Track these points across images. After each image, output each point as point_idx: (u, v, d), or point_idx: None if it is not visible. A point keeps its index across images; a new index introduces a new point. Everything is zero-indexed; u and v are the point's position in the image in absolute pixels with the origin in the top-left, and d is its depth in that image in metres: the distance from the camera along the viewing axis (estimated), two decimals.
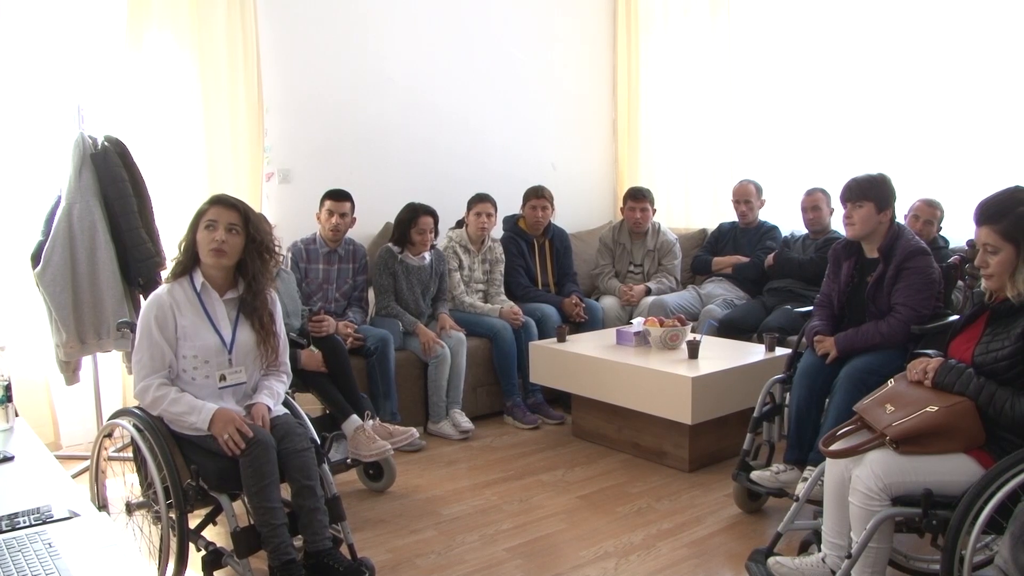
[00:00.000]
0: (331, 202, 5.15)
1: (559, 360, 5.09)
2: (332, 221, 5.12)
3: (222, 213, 3.17)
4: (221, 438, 3.00)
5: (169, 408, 3.07)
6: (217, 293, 3.21)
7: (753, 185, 6.12)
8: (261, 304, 3.27)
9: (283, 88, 5.70)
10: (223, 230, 3.15)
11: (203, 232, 3.16)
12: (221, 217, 3.16)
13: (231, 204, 3.22)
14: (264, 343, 3.27)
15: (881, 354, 3.71)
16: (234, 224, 3.17)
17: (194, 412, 3.05)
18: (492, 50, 6.72)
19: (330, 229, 5.13)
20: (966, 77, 5.43)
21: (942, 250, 4.91)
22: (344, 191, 5.18)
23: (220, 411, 3.05)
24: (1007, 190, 2.89)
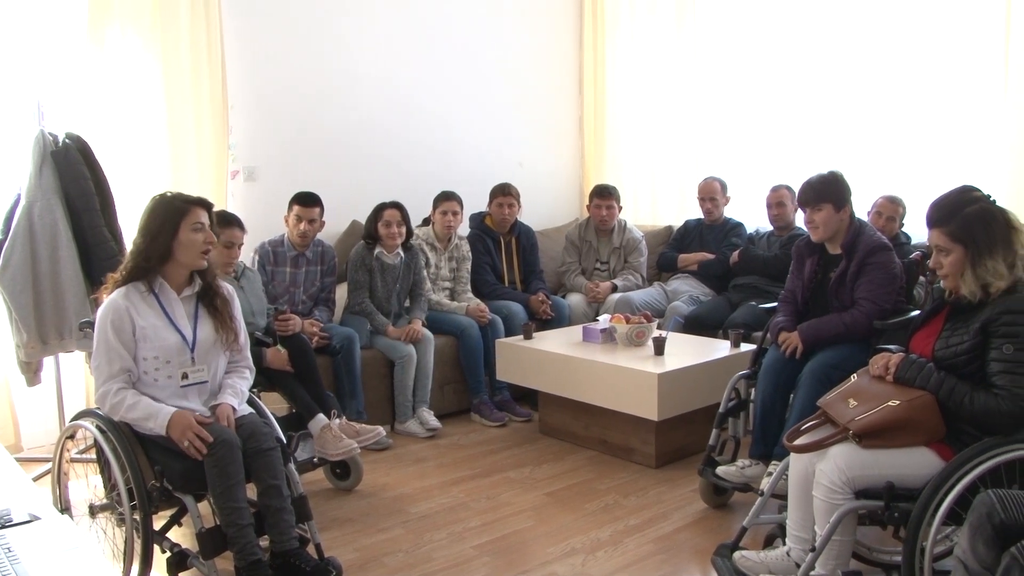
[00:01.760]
0: (300, 207, 5.10)
1: (526, 357, 5.10)
2: (301, 227, 5.08)
3: (204, 215, 3.16)
4: (181, 444, 2.98)
5: (127, 414, 3.04)
6: (175, 292, 3.18)
7: (718, 182, 6.16)
8: (220, 298, 3.27)
9: (248, 85, 5.66)
10: (209, 231, 3.15)
11: (190, 234, 3.12)
12: (205, 219, 3.16)
13: (209, 205, 3.21)
14: (223, 329, 3.25)
15: (844, 349, 3.76)
16: (210, 224, 3.18)
17: (151, 418, 3.02)
18: (459, 49, 6.71)
19: (298, 235, 5.09)
20: (926, 76, 5.52)
21: (904, 246, 4.97)
22: (313, 196, 5.14)
23: (176, 415, 3.02)
24: (955, 191, 2.94)
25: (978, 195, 2.91)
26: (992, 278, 2.76)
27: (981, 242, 2.77)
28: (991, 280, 2.76)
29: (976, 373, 2.79)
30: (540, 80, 7.30)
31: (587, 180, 7.47)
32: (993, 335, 2.73)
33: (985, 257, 2.76)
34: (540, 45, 7.28)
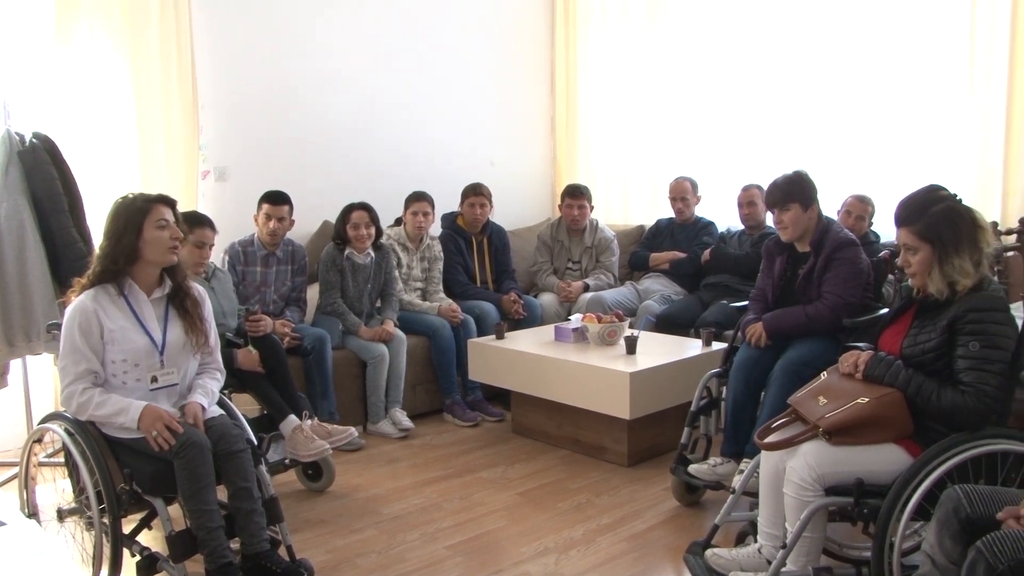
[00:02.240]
0: (269, 206, 5.10)
1: (498, 357, 5.10)
2: (270, 225, 5.07)
3: (168, 212, 3.14)
4: (149, 435, 2.96)
5: (96, 412, 3.01)
6: (144, 294, 3.16)
7: (689, 182, 6.19)
8: (191, 299, 3.24)
9: (219, 84, 5.62)
10: (175, 227, 3.13)
11: (155, 232, 3.09)
12: (169, 215, 3.14)
13: (172, 202, 3.19)
14: (193, 330, 3.23)
15: (814, 347, 3.79)
16: (175, 220, 3.16)
17: (122, 413, 3.00)
18: (430, 48, 6.69)
19: (268, 233, 5.08)
20: (894, 77, 5.60)
21: (873, 245, 5.02)
22: (282, 194, 5.13)
23: (148, 408, 3.00)
24: (923, 190, 2.98)
25: (945, 194, 2.94)
26: (959, 276, 2.79)
27: (948, 241, 2.80)
28: (958, 278, 2.80)
29: (943, 370, 2.82)
30: (512, 80, 7.30)
31: (559, 180, 7.48)
32: (959, 332, 2.77)
33: (952, 255, 2.79)
34: (512, 45, 7.28)
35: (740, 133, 6.43)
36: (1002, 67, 5.09)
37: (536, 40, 7.44)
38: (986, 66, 5.15)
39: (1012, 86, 5.09)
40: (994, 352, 2.74)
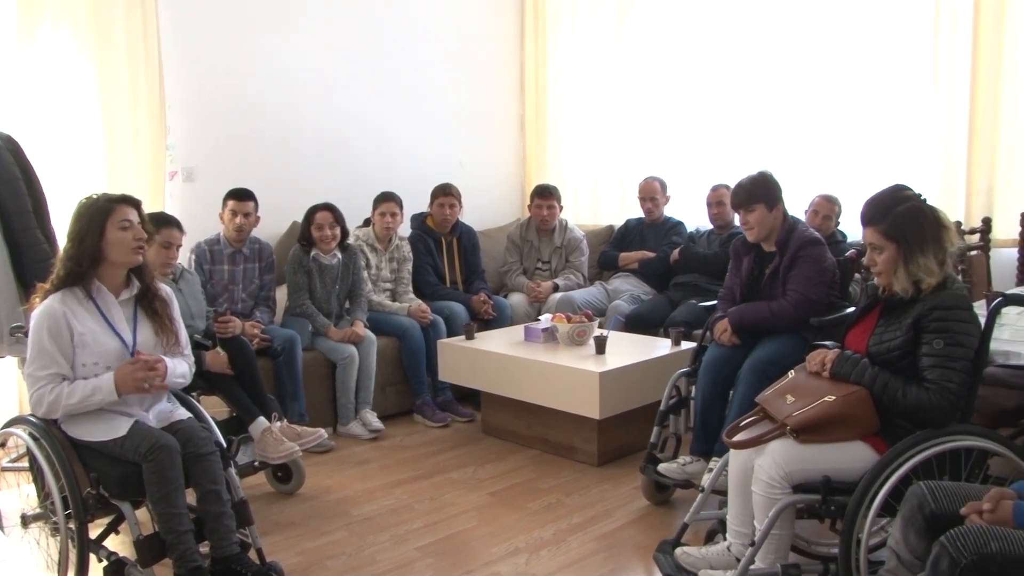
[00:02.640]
0: (234, 202, 5.07)
1: (468, 358, 5.10)
2: (236, 221, 5.04)
3: (132, 212, 3.11)
4: (140, 387, 2.98)
5: (69, 402, 2.95)
6: (112, 295, 3.13)
7: (658, 182, 6.22)
8: (159, 300, 3.22)
9: (187, 84, 5.58)
10: (139, 228, 3.10)
11: (117, 233, 3.05)
12: (133, 216, 3.10)
13: (135, 202, 3.16)
14: (163, 331, 3.20)
15: (782, 346, 3.81)
16: (139, 221, 3.12)
17: (96, 391, 2.97)
18: (399, 48, 6.68)
19: (234, 229, 5.06)
20: (860, 79, 5.68)
21: (840, 244, 5.06)
22: (247, 190, 5.11)
23: (118, 372, 2.99)
24: (888, 190, 3.01)
25: (910, 194, 2.98)
26: (923, 275, 2.83)
27: (913, 240, 2.84)
28: (922, 277, 2.83)
29: (909, 368, 2.86)
30: (481, 80, 7.30)
31: (528, 180, 7.49)
32: (924, 331, 2.80)
33: (917, 254, 2.83)
34: (481, 45, 7.28)
35: (709, 133, 6.47)
36: (965, 70, 5.18)
37: (505, 41, 7.45)
38: (950, 68, 5.24)
39: (975, 88, 5.17)
40: (958, 350, 2.77)
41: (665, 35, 6.66)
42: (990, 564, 2.06)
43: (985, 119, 5.17)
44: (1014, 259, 5.15)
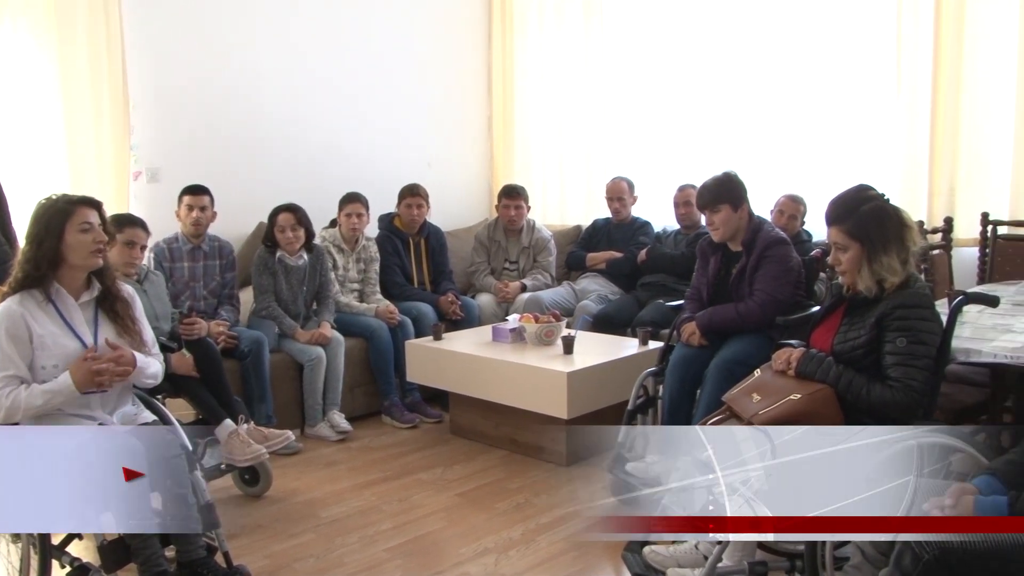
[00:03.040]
0: (189, 197, 5.05)
1: (436, 358, 5.09)
2: (193, 215, 5.02)
3: (92, 214, 3.06)
4: (99, 381, 2.93)
5: (31, 404, 2.89)
6: (72, 298, 3.08)
7: (625, 182, 6.25)
8: (120, 302, 3.17)
9: (151, 84, 5.53)
10: (99, 230, 3.05)
11: (77, 235, 2.99)
12: (93, 218, 3.04)
13: (96, 204, 3.11)
14: (126, 332, 3.16)
15: (748, 345, 3.85)
16: (99, 223, 3.08)
17: (56, 394, 2.91)
18: (366, 48, 6.66)
19: (191, 224, 5.02)
20: (824, 81, 5.75)
21: (805, 244, 5.11)
22: (201, 185, 5.09)
23: (72, 367, 2.94)
24: (852, 190, 3.05)
25: (873, 194, 3.01)
26: (887, 274, 2.87)
27: (876, 239, 2.87)
28: (886, 276, 2.87)
29: (873, 366, 2.89)
30: (449, 80, 7.29)
31: (496, 180, 7.49)
32: (887, 329, 2.84)
33: (880, 253, 2.86)
34: (448, 45, 7.27)
35: (675, 133, 6.51)
36: (927, 73, 5.27)
37: (473, 41, 7.44)
38: (912, 72, 5.33)
39: (936, 91, 5.25)
40: (920, 348, 2.81)
41: (632, 36, 6.68)
42: (952, 558, 2.09)
43: (946, 121, 5.25)
44: (975, 258, 5.24)
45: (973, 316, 3.59)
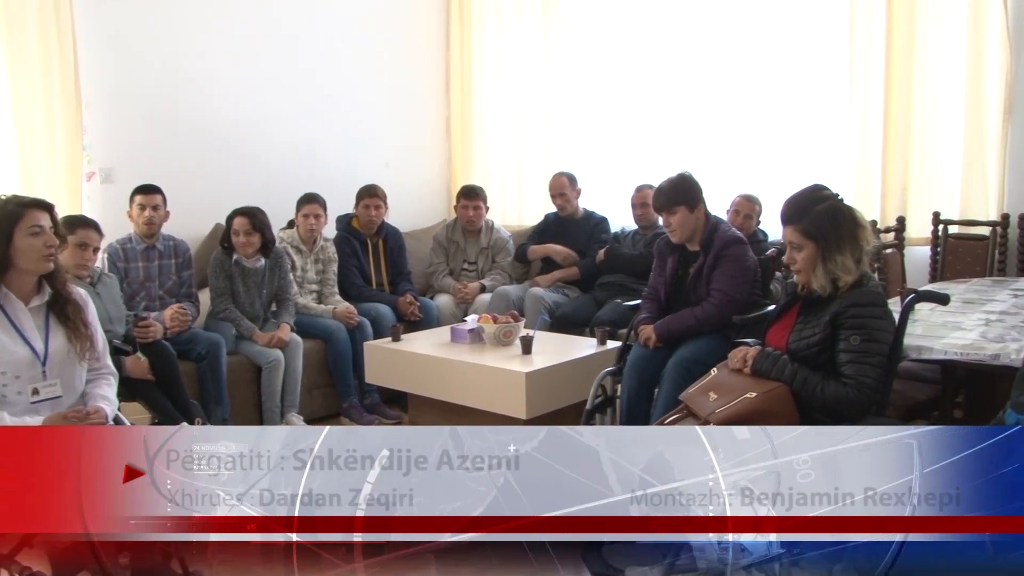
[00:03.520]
0: (141, 196, 4.97)
1: (394, 359, 5.07)
2: (145, 214, 4.94)
3: (43, 217, 2.99)
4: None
5: None
6: (22, 303, 3.02)
7: (566, 177, 6.23)
8: (72, 306, 3.11)
9: (104, 83, 5.43)
10: (50, 234, 2.99)
11: (26, 239, 2.92)
12: (44, 221, 2.98)
13: (47, 206, 3.05)
14: (77, 337, 3.10)
15: (705, 344, 3.88)
16: (51, 226, 3.02)
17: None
18: (323, 48, 6.60)
19: (144, 223, 4.95)
20: (780, 85, 5.87)
21: (761, 243, 5.15)
22: (152, 184, 5.01)
23: (50, 418, 2.91)
24: (807, 189, 3.09)
25: (828, 194, 3.05)
26: (841, 272, 2.91)
27: (831, 238, 2.91)
28: (840, 274, 2.91)
29: (827, 364, 2.93)
30: (406, 80, 7.26)
31: (454, 181, 7.47)
32: (841, 327, 2.88)
33: (834, 252, 2.90)
34: (406, 45, 7.25)
35: (633, 134, 6.55)
36: (879, 76, 5.41)
37: (431, 41, 7.42)
38: (864, 75, 5.47)
39: (888, 94, 5.38)
40: (873, 345, 2.85)
41: (590, 36, 6.71)
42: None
43: (899, 123, 5.37)
44: (927, 257, 5.33)
45: (925, 314, 3.66)
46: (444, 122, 7.57)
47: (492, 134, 7.31)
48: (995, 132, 5.17)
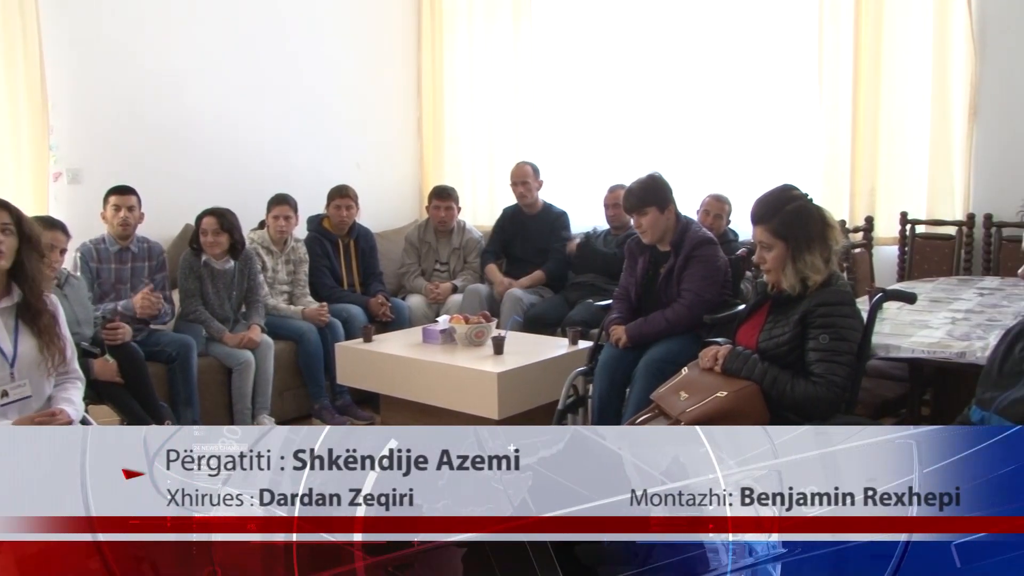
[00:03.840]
0: (116, 197, 4.90)
1: (366, 360, 5.06)
2: (120, 215, 4.86)
3: (2, 214, 2.95)
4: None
5: None
6: None
7: (530, 166, 6.20)
8: (42, 308, 3.07)
9: (71, 83, 5.38)
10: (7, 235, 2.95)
11: None
12: (4, 218, 2.94)
13: (6, 205, 3.00)
14: (48, 349, 3.07)
15: (676, 344, 3.90)
16: (6, 224, 2.96)
17: None
18: (293, 49, 6.56)
19: (119, 224, 4.87)
20: (751, 86, 5.92)
21: (732, 243, 5.18)
22: (127, 185, 4.95)
23: (18, 420, 2.86)
24: (776, 189, 3.12)
25: (797, 194, 3.08)
26: (810, 272, 2.93)
27: (800, 238, 2.94)
28: (809, 274, 2.93)
29: (797, 362, 2.96)
30: (378, 81, 7.24)
31: (426, 181, 7.46)
32: (810, 326, 2.90)
33: (804, 252, 2.93)
34: (377, 45, 7.23)
35: (605, 134, 6.56)
36: (847, 78, 5.49)
37: (402, 41, 7.41)
38: (833, 77, 5.54)
39: (856, 95, 5.46)
40: (842, 344, 2.88)
41: (561, 37, 6.73)
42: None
43: (867, 124, 5.44)
44: (895, 256, 5.39)
45: (892, 312, 3.69)
46: (416, 122, 7.56)
47: (464, 134, 7.30)
48: (960, 133, 5.25)
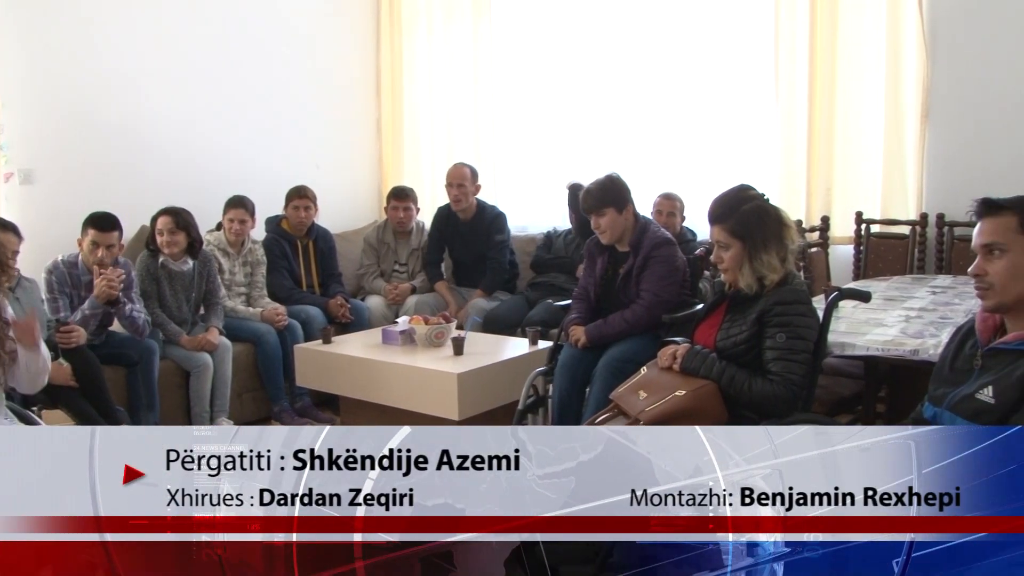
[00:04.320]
0: (95, 232, 4.64)
1: (325, 362, 5.04)
2: (98, 254, 4.61)
3: None
4: None
5: None
6: None
7: (468, 168, 6.10)
8: None
9: (22, 81, 5.29)
10: None
11: None
12: None
13: None
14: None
15: (635, 343, 3.91)
16: None
17: None
18: (251, 47, 6.51)
19: (95, 263, 4.62)
20: (708, 87, 5.98)
21: (690, 242, 5.22)
22: (110, 218, 4.70)
23: None
24: (733, 189, 3.15)
25: (754, 194, 3.11)
26: (767, 271, 2.96)
27: (757, 237, 2.96)
28: (766, 273, 2.96)
29: (754, 361, 2.98)
30: (336, 81, 7.21)
31: (385, 182, 7.44)
32: (767, 325, 2.93)
33: (760, 251, 2.95)
34: (336, 44, 7.19)
35: (564, 134, 6.59)
36: (803, 79, 5.57)
37: (361, 41, 7.38)
38: (789, 78, 5.62)
39: (812, 96, 5.54)
40: (799, 343, 2.91)
41: (519, 38, 6.75)
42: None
43: (822, 124, 5.52)
44: (850, 255, 5.46)
45: (848, 311, 3.74)
46: (375, 123, 7.53)
47: (423, 135, 7.29)
48: (913, 135, 5.34)
